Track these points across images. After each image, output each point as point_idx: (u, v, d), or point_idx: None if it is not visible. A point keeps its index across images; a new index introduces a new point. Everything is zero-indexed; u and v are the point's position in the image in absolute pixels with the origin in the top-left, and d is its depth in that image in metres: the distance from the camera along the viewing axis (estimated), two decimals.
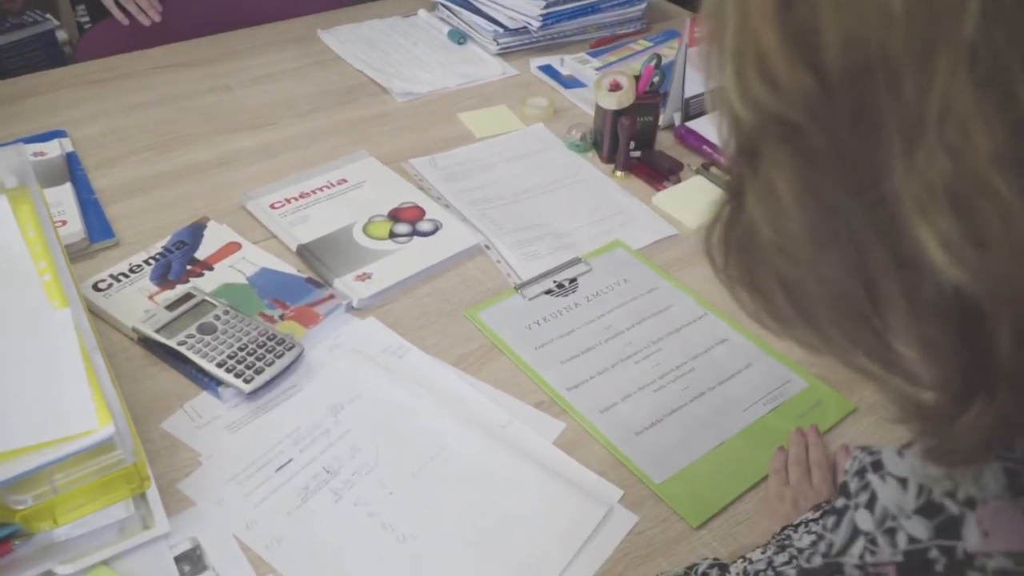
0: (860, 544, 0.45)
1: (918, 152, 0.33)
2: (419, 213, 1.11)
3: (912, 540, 0.43)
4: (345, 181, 1.16)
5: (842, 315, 0.41)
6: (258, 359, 0.88)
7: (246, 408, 0.86)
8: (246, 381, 0.86)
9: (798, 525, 0.63)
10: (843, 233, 0.38)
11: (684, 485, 0.81)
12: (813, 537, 0.59)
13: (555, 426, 0.86)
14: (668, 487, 0.80)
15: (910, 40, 0.32)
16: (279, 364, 0.88)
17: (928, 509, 0.43)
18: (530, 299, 1.00)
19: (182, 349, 0.88)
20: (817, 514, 0.62)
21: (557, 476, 0.81)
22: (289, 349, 0.89)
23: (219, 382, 0.86)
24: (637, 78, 1.20)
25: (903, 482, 0.44)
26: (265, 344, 0.89)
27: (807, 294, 0.42)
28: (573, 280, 1.03)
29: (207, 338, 0.89)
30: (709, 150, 1.24)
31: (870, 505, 0.45)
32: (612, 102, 1.19)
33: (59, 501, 0.63)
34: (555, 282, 1.03)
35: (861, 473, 0.47)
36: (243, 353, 0.88)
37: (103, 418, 0.63)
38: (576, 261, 1.06)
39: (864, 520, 0.45)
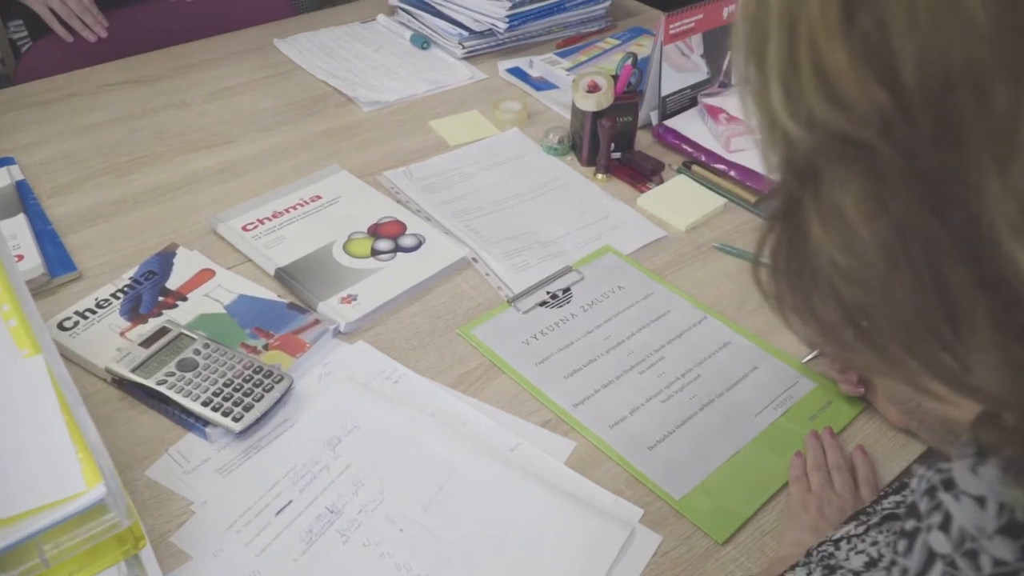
0: (939, 569, 0.43)
1: (1012, 169, 0.30)
2: (400, 228, 1.07)
3: (998, 563, 0.41)
4: (319, 197, 1.11)
5: (915, 339, 0.38)
6: (246, 394, 0.83)
7: (237, 448, 0.80)
8: (235, 419, 0.80)
9: (839, 540, 0.61)
10: (920, 255, 0.35)
11: (705, 499, 0.78)
12: (865, 558, 0.57)
13: (565, 445, 0.82)
14: (689, 503, 0.77)
15: (999, 53, 0.29)
16: (269, 398, 0.83)
17: (1012, 529, 0.41)
18: (524, 312, 0.96)
19: (162, 389, 0.82)
20: (860, 528, 0.60)
21: (573, 499, 0.77)
22: (278, 381, 0.84)
23: (205, 422, 0.81)
24: (615, 77, 1.17)
25: (980, 501, 0.42)
26: (252, 378, 0.84)
27: (875, 319, 0.39)
28: (566, 290, 1.00)
29: (188, 375, 0.84)
30: (689, 148, 1.22)
31: (945, 526, 0.43)
32: (591, 103, 1.16)
33: (49, 574, 0.57)
34: (548, 293, 0.99)
35: (931, 492, 0.44)
36: (229, 389, 0.83)
37: (91, 478, 0.58)
38: (567, 270, 1.02)
39: (940, 542, 0.43)
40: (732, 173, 1.17)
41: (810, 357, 0.89)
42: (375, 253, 1.03)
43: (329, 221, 1.07)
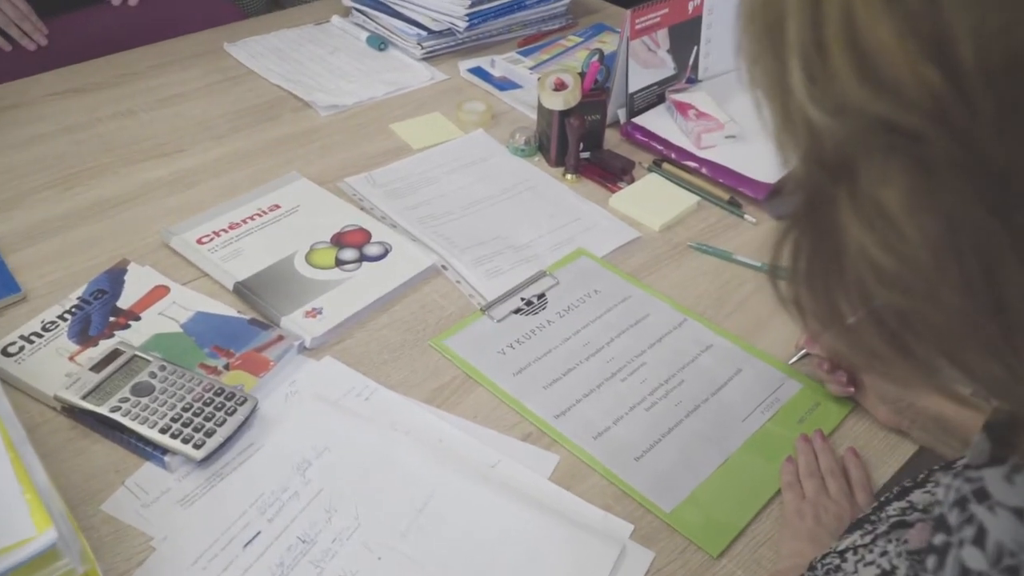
0: None
1: None
2: (365, 236, 1.02)
3: None
4: (278, 207, 1.06)
5: (959, 346, 0.35)
6: (207, 419, 0.78)
7: (199, 477, 0.75)
8: (196, 446, 0.75)
9: (844, 551, 0.58)
10: (972, 256, 0.32)
11: (696, 511, 0.75)
12: (876, 570, 0.54)
13: (548, 459, 0.79)
14: (680, 515, 0.74)
15: None
16: (232, 422, 0.78)
17: None
18: (499, 321, 0.93)
19: (116, 416, 0.77)
20: (867, 538, 0.57)
21: (560, 516, 0.73)
22: (241, 404, 0.79)
23: (164, 450, 0.76)
24: (581, 75, 1.14)
25: (1019, 513, 0.39)
26: (213, 401, 0.79)
27: (915, 325, 0.36)
28: (541, 296, 0.96)
29: (144, 400, 0.78)
30: (659, 146, 1.19)
31: (979, 541, 0.40)
32: (558, 102, 1.12)
33: None
34: (523, 299, 0.95)
35: (962, 504, 0.41)
36: (188, 414, 0.78)
37: (41, 521, 0.53)
38: (541, 275, 0.99)
39: (974, 558, 0.40)
40: (703, 170, 1.15)
41: (796, 358, 0.86)
42: (339, 263, 0.98)
43: (290, 231, 1.02)
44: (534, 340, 0.90)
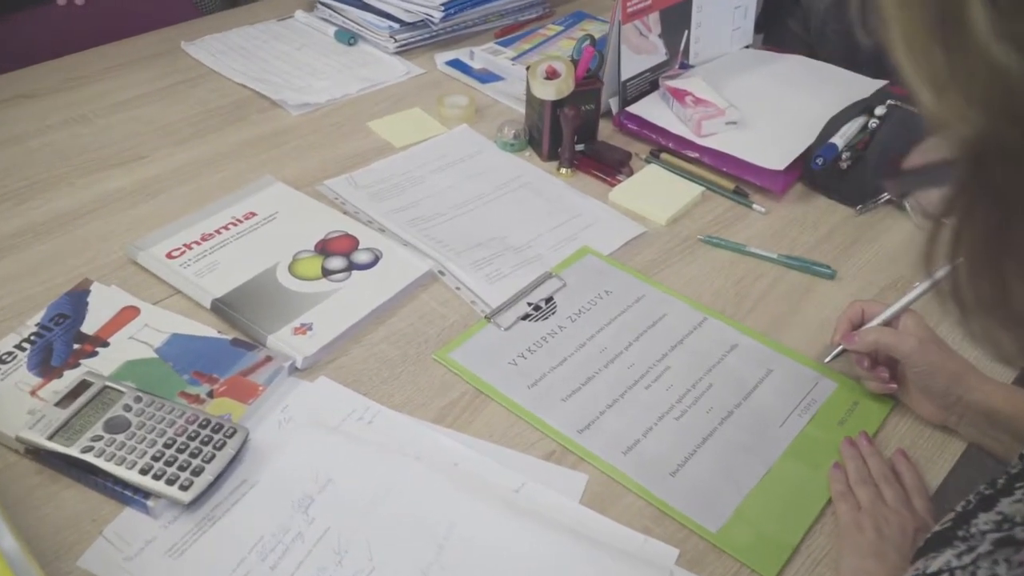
0: None
1: None
2: (352, 243, 0.94)
3: None
4: (254, 214, 0.97)
5: None
6: (193, 455, 0.69)
7: (188, 522, 0.67)
8: (183, 488, 0.67)
9: (937, 574, 0.51)
10: None
11: (744, 529, 0.68)
12: None
13: (576, 480, 0.71)
14: (727, 535, 0.67)
15: None
16: (221, 457, 0.69)
17: None
18: (506, 329, 0.85)
19: (89, 457, 0.68)
20: (966, 559, 0.51)
21: (597, 543, 0.66)
22: (230, 436, 0.71)
23: (146, 494, 0.67)
24: (574, 62, 1.07)
25: None
26: (198, 434, 0.70)
27: None
28: (549, 299, 0.89)
29: (120, 438, 0.69)
30: (655, 136, 1.13)
31: None
32: (550, 91, 1.05)
33: None
34: (530, 304, 0.88)
35: None
36: (171, 451, 0.69)
37: None
38: (547, 276, 0.91)
39: None
40: (705, 159, 1.09)
41: (832, 356, 0.80)
42: (327, 273, 0.90)
43: (269, 240, 0.94)
44: (546, 348, 0.83)
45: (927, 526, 0.67)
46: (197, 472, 0.68)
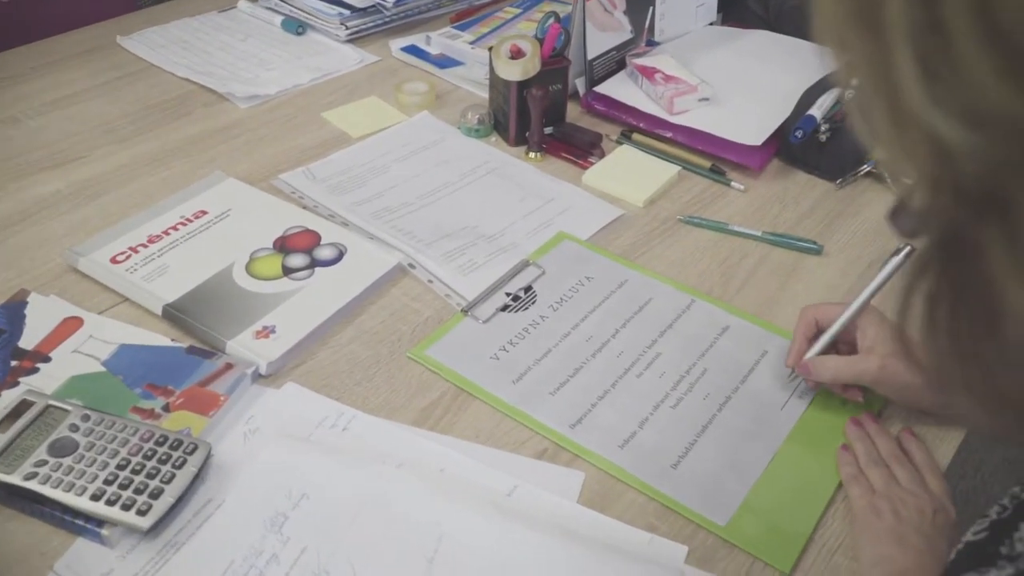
0: None
1: None
2: (313, 238, 0.88)
3: None
4: (205, 212, 0.90)
5: None
6: (150, 476, 0.62)
7: (149, 550, 0.60)
8: (140, 512, 0.60)
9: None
10: None
11: (754, 521, 0.64)
12: None
13: (572, 478, 0.66)
14: (737, 527, 0.63)
15: None
16: (182, 477, 0.63)
17: None
18: (484, 321, 0.80)
19: (32, 485, 0.61)
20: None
21: (601, 545, 0.61)
22: (190, 452, 0.64)
23: (100, 521, 0.60)
24: (539, 41, 1.02)
25: None
26: (154, 452, 0.64)
27: None
28: (528, 288, 0.84)
29: (67, 461, 0.62)
30: (625, 116, 1.08)
31: None
32: (516, 72, 1.00)
33: None
34: (508, 294, 0.83)
35: None
36: (126, 472, 0.62)
37: None
38: (524, 265, 0.86)
39: None
40: (679, 138, 1.04)
41: (791, 379, 0.75)
42: (288, 272, 0.83)
43: (223, 239, 0.87)
44: (529, 340, 0.78)
45: (944, 507, 0.64)
46: (155, 494, 0.61)
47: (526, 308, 0.81)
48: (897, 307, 0.31)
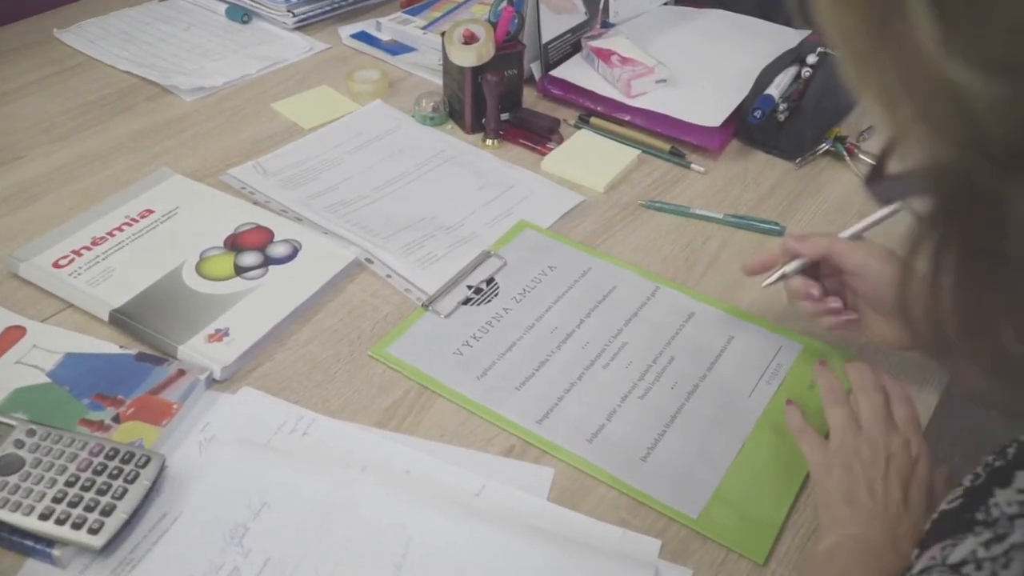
0: None
1: None
2: (266, 235, 0.85)
3: None
4: (151, 211, 0.87)
5: None
6: (101, 492, 0.59)
7: (102, 569, 0.57)
8: (92, 531, 0.57)
9: (960, 567, 0.45)
10: None
11: (726, 511, 0.63)
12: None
13: (541, 475, 0.65)
14: (709, 519, 0.62)
15: None
16: (135, 491, 0.60)
17: None
18: (446, 316, 0.78)
19: None
20: (996, 548, 0.44)
21: (572, 543, 0.60)
22: (143, 465, 0.61)
23: (50, 541, 0.57)
24: (493, 25, 1.00)
25: None
26: (105, 467, 0.61)
27: None
28: (490, 280, 0.82)
29: (12, 480, 0.59)
30: (583, 100, 1.06)
31: None
32: (470, 57, 0.97)
33: None
34: (469, 287, 0.81)
35: None
36: (75, 489, 0.59)
37: None
38: (486, 256, 0.84)
39: None
40: (637, 121, 1.03)
41: (771, 280, 0.73)
42: (240, 271, 0.81)
43: (171, 239, 0.84)
44: (493, 333, 0.76)
45: (905, 449, 0.61)
46: (108, 511, 0.59)
47: (488, 301, 0.80)
48: (898, 277, 0.30)
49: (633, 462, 0.66)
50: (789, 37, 1.13)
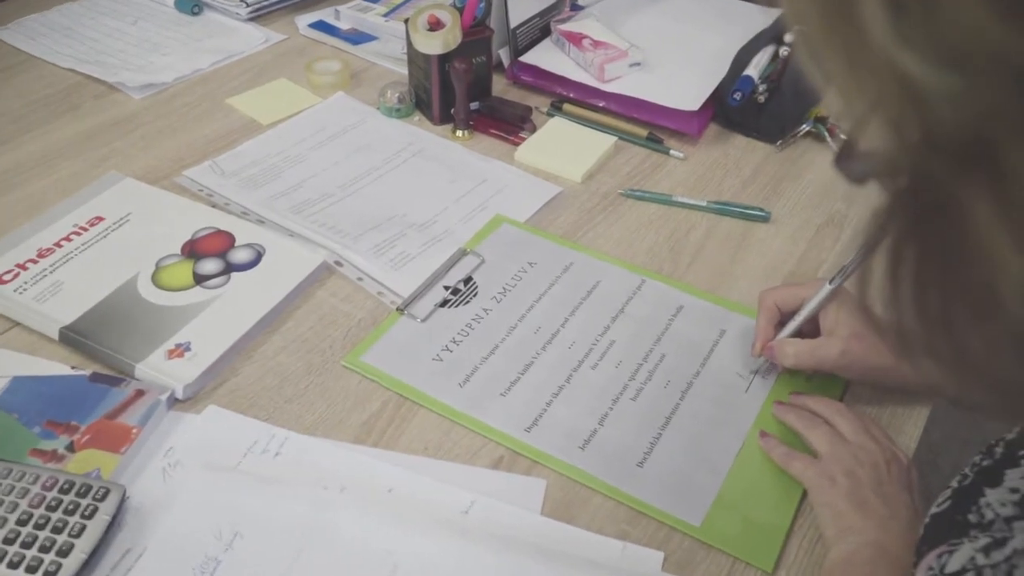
0: None
1: None
2: (227, 240, 0.80)
3: None
4: (101, 219, 0.81)
5: None
6: (56, 531, 0.54)
7: None
8: (49, 574, 0.52)
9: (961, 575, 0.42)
10: None
11: (730, 517, 0.60)
12: None
13: (533, 487, 0.61)
14: (713, 527, 0.59)
15: None
16: (94, 527, 0.55)
17: None
18: (423, 320, 0.73)
19: None
20: (996, 555, 0.41)
21: (571, 559, 0.56)
22: (101, 498, 0.57)
23: None
24: (459, 10, 0.95)
25: None
26: (60, 502, 0.56)
27: None
28: (468, 280, 0.78)
29: None
30: (554, 86, 1.02)
31: None
32: (436, 44, 0.93)
33: None
34: (446, 288, 0.77)
35: None
36: (28, 529, 0.54)
37: None
38: (462, 254, 0.80)
39: None
40: (612, 106, 0.99)
41: (758, 368, 0.70)
42: (200, 280, 0.75)
43: (123, 248, 0.78)
44: (474, 337, 0.72)
45: (895, 454, 0.61)
46: (64, 551, 0.54)
47: (467, 301, 0.75)
48: (856, 265, 0.29)
49: (629, 469, 0.62)
50: (763, 17, 1.10)
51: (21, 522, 0.55)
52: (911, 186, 0.26)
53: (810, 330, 0.68)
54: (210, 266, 0.77)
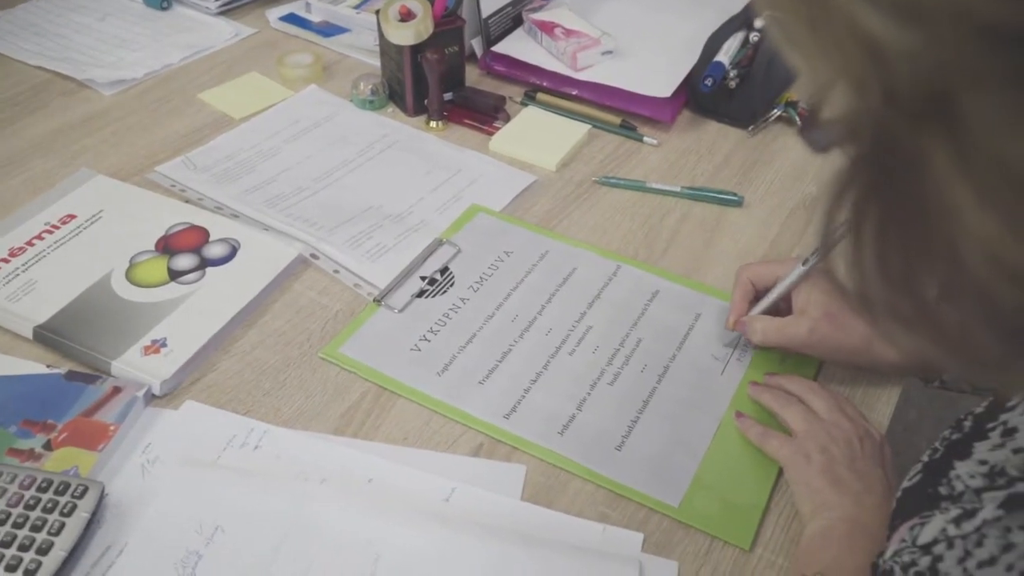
0: None
1: None
2: (201, 236, 0.79)
3: None
4: (73, 216, 0.81)
5: None
6: (35, 529, 0.54)
7: None
8: (29, 573, 0.52)
9: (931, 547, 0.43)
10: None
11: (708, 497, 0.60)
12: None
13: (513, 473, 0.62)
14: (691, 507, 0.60)
15: None
16: (73, 525, 0.55)
17: None
18: (400, 310, 0.74)
19: None
20: (967, 526, 0.42)
21: (551, 544, 0.57)
22: (80, 496, 0.56)
23: None
24: (431, 0, 0.95)
25: None
26: (38, 501, 0.56)
27: None
28: (444, 270, 0.78)
29: None
30: (527, 75, 1.02)
31: None
32: (408, 35, 0.93)
33: None
34: (423, 278, 0.77)
35: None
36: (7, 528, 0.54)
37: None
38: (438, 244, 0.80)
39: None
40: (585, 95, 1.00)
41: (733, 341, 0.71)
42: (175, 275, 0.75)
43: (96, 245, 0.78)
44: (451, 326, 0.72)
45: (868, 431, 0.62)
46: (44, 550, 0.53)
47: (444, 291, 0.76)
48: (820, 228, 0.29)
49: (608, 453, 0.63)
50: (733, 2, 1.10)
51: None
52: (872, 147, 0.27)
53: (787, 308, 0.69)
54: (185, 261, 0.76)
